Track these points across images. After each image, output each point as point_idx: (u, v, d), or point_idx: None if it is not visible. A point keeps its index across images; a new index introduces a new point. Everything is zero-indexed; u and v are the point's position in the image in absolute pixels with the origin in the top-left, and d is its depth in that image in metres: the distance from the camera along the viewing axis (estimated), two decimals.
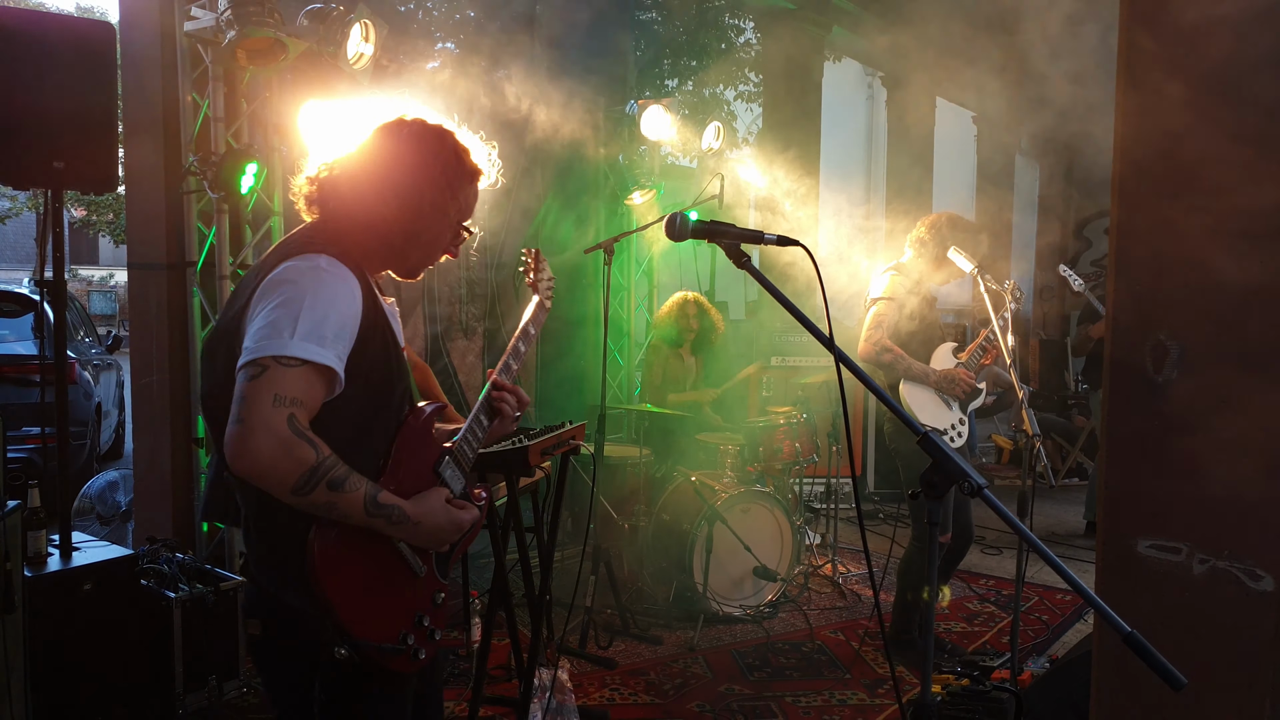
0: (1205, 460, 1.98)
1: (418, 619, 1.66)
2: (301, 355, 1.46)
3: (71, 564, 3.23)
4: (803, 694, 3.69)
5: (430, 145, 1.69)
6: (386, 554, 1.62)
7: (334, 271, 1.56)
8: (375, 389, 1.62)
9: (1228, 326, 1.94)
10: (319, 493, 1.46)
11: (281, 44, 3.69)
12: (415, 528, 1.59)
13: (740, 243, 1.68)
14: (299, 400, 1.46)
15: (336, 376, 1.52)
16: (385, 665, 1.59)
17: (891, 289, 3.92)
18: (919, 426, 1.50)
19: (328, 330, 1.50)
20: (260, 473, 1.43)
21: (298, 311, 1.48)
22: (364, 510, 1.51)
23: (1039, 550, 1.40)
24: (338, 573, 1.54)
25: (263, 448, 1.41)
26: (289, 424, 1.43)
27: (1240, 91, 1.93)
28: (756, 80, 10.03)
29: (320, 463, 1.45)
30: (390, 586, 1.63)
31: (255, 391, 1.43)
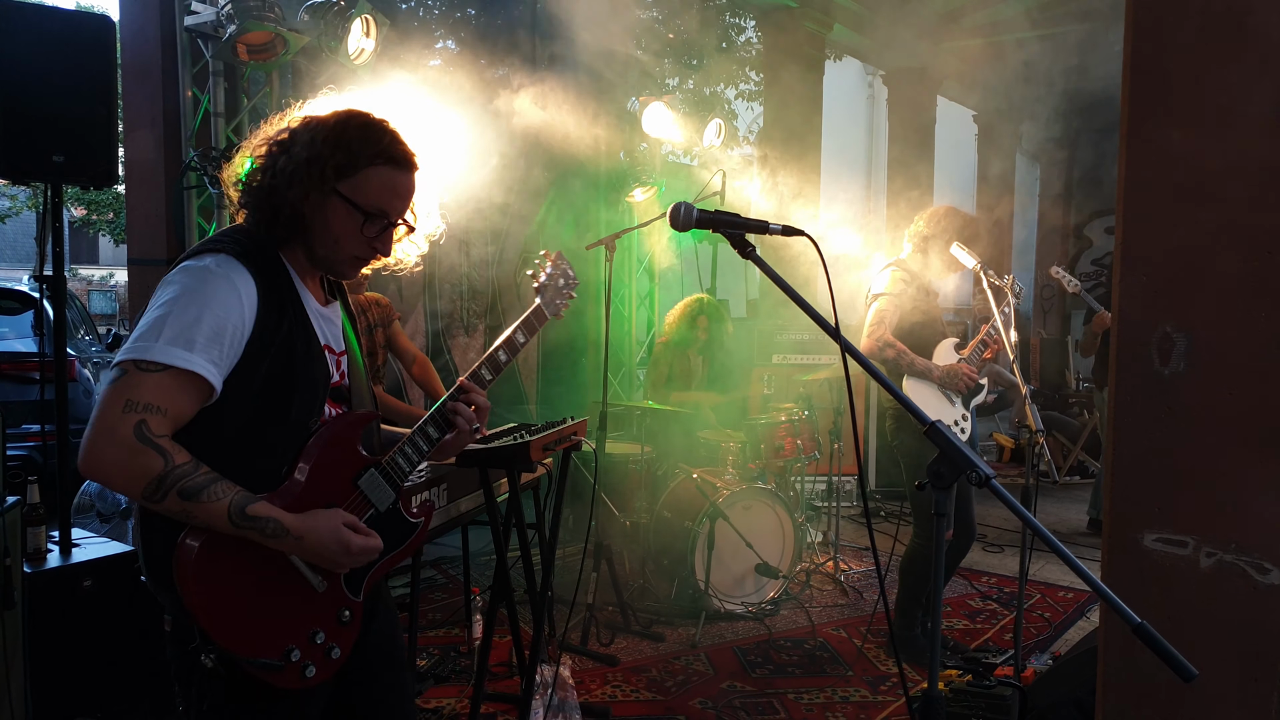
0: (1212, 452, 1.96)
1: (311, 635, 1.57)
2: (163, 360, 1.41)
3: (71, 560, 3.22)
4: (805, 691, 3.68)
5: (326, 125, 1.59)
6: (275, 565, 1.54)
7: (220, 271, 1.49)
8: (271, 395, 1.53)
9: (1236, 317, 1.92)
10: (170, 501, 1.41)
11: (282, 39, 3.68)
12: (297, 543, 1.51)
13: (745, 232, 1.67)
14: (155, 406, 1.41)
15: (206, 382, 1.45)
16: (263, 679, 1.51)
17: (893, 285, 3.90)
18: (925, 416, 1.49)
19: (198, 334, 1.43)
20: (104, 478, 1.41)
21: (168, 314, 1.44)
22: (229, 521, 1.44)
23: (1046, 539, 1.38)
24: (205, 579, 1.46)
25: (104, 454, 1.39)
26: (135, 431, 1.39)
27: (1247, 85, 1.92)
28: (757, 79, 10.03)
29: (168, 471, 1.40)
30: (276, 600, 1.54)
31: (109, 396, 1.40)
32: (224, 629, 1.47)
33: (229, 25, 3.60)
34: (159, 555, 1.48)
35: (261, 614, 1.52)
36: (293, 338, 1.56)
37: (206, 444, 1.46)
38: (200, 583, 1.46)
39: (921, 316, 3.92)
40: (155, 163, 4.04)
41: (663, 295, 6.57)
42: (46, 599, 3.06)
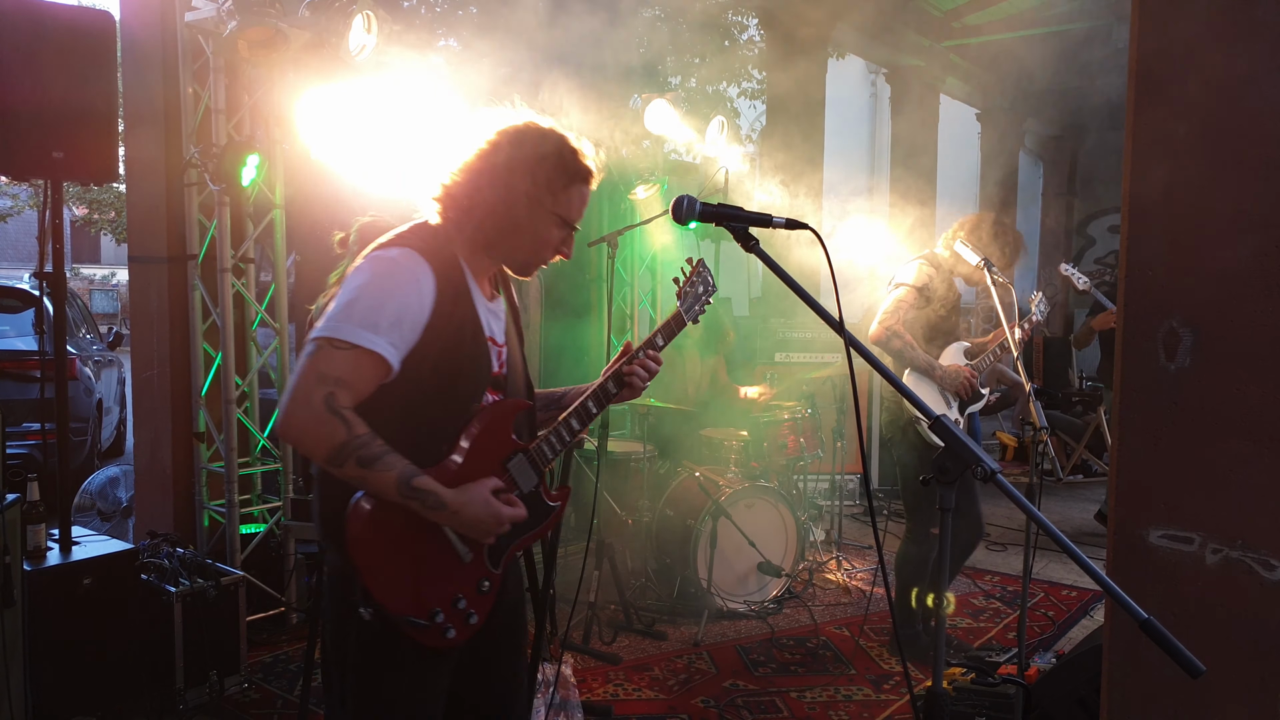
0: (1218, 448, 1.95)
1: (455, 600, 1.73)
2: (351, 339, 1.57)
3: (71, 558, 3.21)
4: (808, 689, 3.66)
5: (531, 141, 1.75)
6: (431, 535, 1.70)
7: (404, 263, 1.65)
8: (439, 379, 1.69)
9: (1243, 312, 1.91)
10: (349, 467, 1.57)
11: (283, 35, 3.66)
12: (453, 515, 1.66)
13: (748, 226, 1.65)
14: (342, 380, 1.56)
15: (385, 362, 1.61)
16: (409, 635, 1.66)
17: (918, 276, 3.86)
18: (930, 410, 1.47)
19: (383, 319, 1.60)
20: (293, 440, 1.61)
21: (357, 298, 1.61)
22: (396, 490, 1.59)
23: (1052, 534, 1.37)
24: (372, 539, 1.63)
25: (298, 420, 1.56)
26: (326, 401, 1.55)
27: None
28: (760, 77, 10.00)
29: (350, 440, 1.56)
30: (427, 565, 1.70)
31: (306, 368, 1.57)
32: (382, 585, 1.63)
33: (230, 21, 3.58)
34: (334, 513, 1.64)
35: (414, 576, 1.68)
36: (462, 329, 1.71)
37: (379, 418, 1.61)
38: (367, 541, 1.63)
39: (939, 313, 3.89)
40: (156, 160, 4.02)
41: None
42: (46, 597, 3.05)
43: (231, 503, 4.00)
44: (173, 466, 4.16)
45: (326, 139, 3.86)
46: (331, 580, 1.76)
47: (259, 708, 3.42)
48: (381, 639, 1.67)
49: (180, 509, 4.17)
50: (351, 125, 3.87)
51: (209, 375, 4.15)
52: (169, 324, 4.12)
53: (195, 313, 4.10)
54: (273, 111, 4.06)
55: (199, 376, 4.12)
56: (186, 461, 4.17)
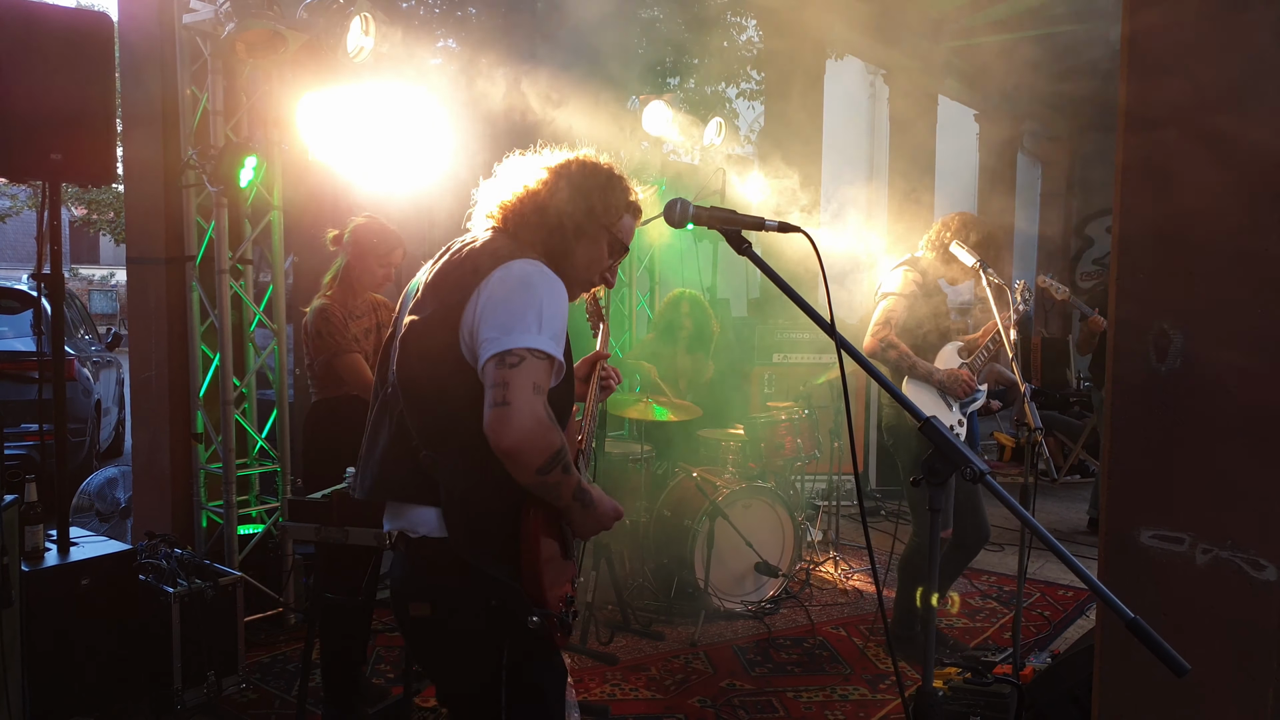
0: (1208, 450, 1.96)
1: (568, 599, 1.82)
2: (548, 350, 1.63)
3: (69, 559, 3.22)
4: (804, 689, 3.67)
5: (598, 169, 1.89)
6: (561, 534, 1.79)
7: (553, 276, 1.73)
8: (566, 388, 1.81)
9: (1232, 314, 1.92)
10: (555, 473, 1.62)
11: (281, 37, 3.68)
12: (593, 511, 1.76)
13: (741, 229, 1.67)
14: (543, 389, 1.62)
15: (560, 368, 1.70)
16: (555, 634, 1.74)
17: (904, 285, 3.87)
18: (921, 413, 1.48)
19: (559, 328, 1.67)
20: (521, 450, 1.58)
21: (540, 309, 1.65)
22: (573, 493, 1.69)
23: (1041, 535, 1.38)
24: (543, 546, 1.70)
25: (526, 430, 1.57)
26: (545, 410, 1.61)
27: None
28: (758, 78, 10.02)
29: (562, 446, 1.63)
30: (560, 566, 1.79)
31: (517, 379, 1.58)
32: (546, 590, 1.70)
33: (228, 23, 3.59)
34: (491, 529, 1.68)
35: (557, 576, 1.77)
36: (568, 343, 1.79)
37: None
38: (539, 547, 1.69)
39: (928, 318, 3.90)
40: (154, 161, 4.03)
41: (663, 294, 6.57)
42: (44, 598, 3.06)
43: (229, 503, 4.01)
44: (171, 467, 4.17)
45: (325, 140, 3.88)
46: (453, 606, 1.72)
47: (257, 708, 3.43)
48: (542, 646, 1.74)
49: (178, 510, 4.18)
50: (349, 127, 3.88)
51: (207, 376, 4.16)
52: (167, 325, 4.13)
53: (193, 314, 4.11)
54: (271, 113, 4.07)
55: (197, 378, 4.13)
56: (184, 462, 4.18)
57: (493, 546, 1.69)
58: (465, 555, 1.69)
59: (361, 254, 3.33)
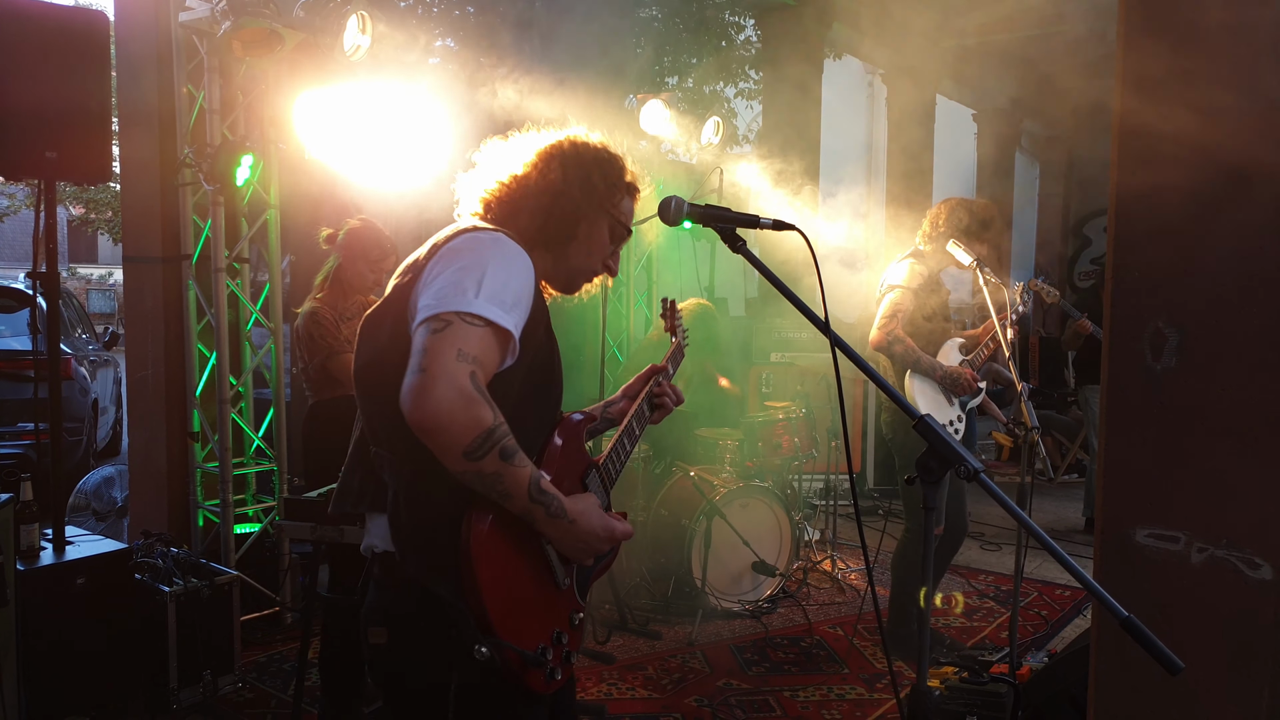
0: (1203, 448, 1.96)
1: (556, 635, 1.57)
2: (485, 315, 1.42)
3: (65, 558, 3.21)
4: (801, 688, 3.67)
5: (594, 148, 1.73)
6: (536, 555, 1.54)
7: (513, 245, 1.55)
8: (538, 372, 1.58)
9: (1228, 313, 1.92)
10: (490, 459, 1.38)
11: (278, 35, 3.67)
12: (570, 526, 1.50)
13: (736, 227, 1.66)
14: (478, 359, 1.40)
15: (512, 343, 1.48)
16: (522, 678, 1.48)
17: (910, 277, 3.84)
18: (915, 411, 1.48)
19: (508, 296, 1.47)
20: (438, 425, 1.35)
21: (481, 274, 1.46)
22: (527, 492, 1.43)
23: (1036, 535, 1.38)
24: (490, 559, 1.45)
25: (444, 398, 1.35)
26: (471, 380, 1.38)
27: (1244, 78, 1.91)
28: (756, 77, 10.01)
29: (496, 426, 1.38)
30: (535, 592, 1.54)
31: (439, 344, 1.38)
32: (502, 617, 1.45)
33: (224, 21, 3.59)
34: (437, 537, 1.46)
35: (525, 606, 1.51)
36: (547, 327, 1.62)
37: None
38: (488, 561, 1.44)
39: (933, 312, 3.89)
40: (150, 160, 4.02)
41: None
42: (40, 597, 3.06)
43: (226, 502, 4.01)
44: (167, 466, 4.16)
45: (321, 139, 3.87)
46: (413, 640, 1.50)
47: (253, 707, 3.43)
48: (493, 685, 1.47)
49: (175, 509, 4.17)
50: (346, 125, 3.88)
51: (204, 375, 4.15)
52: (164, 324, 4.13)
53: (190, 313, 4.10)
54: (267, 111, 4.06)
55: (193, 377, 4.13)
56: (181, 461, 4.18)
57: (436, 557, 1.45)
58: (408, 568, 1.48)
59: (353, 257, 3.33)
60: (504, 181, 1.68)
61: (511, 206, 1.67)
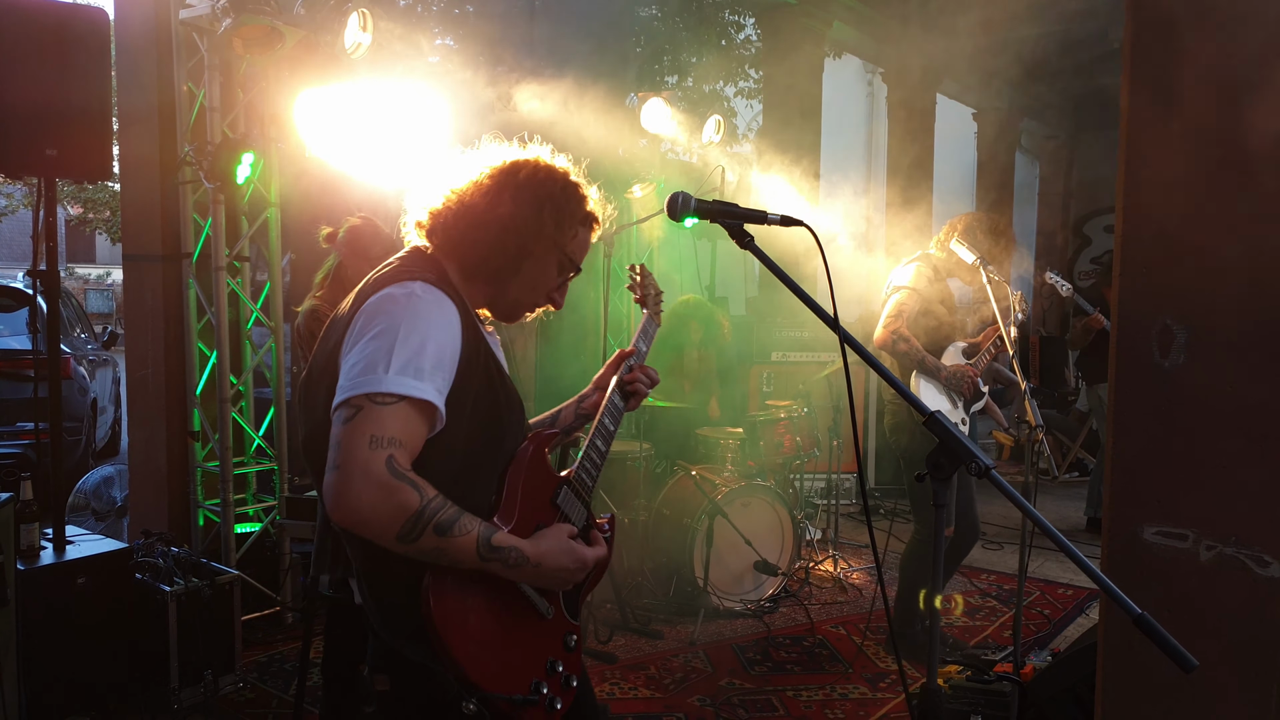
0: (1212, 445, 1.95)
1: (550, 665, 1.57)
2: (398, 391, 1.36)
3: (65, 557, 3.20)
4: (804, 688, 3.66)
5: (545, 176, 1.64)
6: (508, 597, 1.52)
7: (429, 298, 1.47)
8: (482, 422, 1.53)
9: (1236, 310, 1.91)
10: (426, 539, 1.36)
11: (278, 32, 3.66)
12: (536, 569, 1.49)
13: (743, 223, 1.65)
14: (397, 440, 1.35)
15: (437, 411, 1.42)
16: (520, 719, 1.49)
17: (916, 279, 3.85)
18: (925, 407, 1.47)
19: (425, 362, 1.40)
20: (361, 521, 1.34)
21: (392, 343, 1.39)
22: (477, 554, 1.41)
23: (1047, 530, 1.37)
24: (457, 621, 1.43)
25: (362, 494, 1.32)
26: (388, 467, 1.33)
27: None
28: (757, 76, 10.00)
29: (425, 506, 1.35)
30: (516, 632, 1.53)
31: (350, 435, 1.34)
32: (478, 668, 1.43)
33: (225, 18, 3.57)
34: (401, 605, 1.44)
35: (507, 649, 1.50)
36: (488, 366, 1.56)
37: (431, 476, 1.40)
38: (455, 624, 1.42)
39: (938, 315, 3.89)
40: (150, 158, 4.01)
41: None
42: (40, 596, 3.05)
43: (226, 502, 4.00)
44: (167, 466, 4.15)
45: (322, 137, 3.86)
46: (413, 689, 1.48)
47: (254, 707, 3.41)
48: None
49: (175, 508, 4.16)
50: (347, 123, 3.86)
51: (204, 374, 4.14)
52: (164, 323, 4.11)
53: (190, 311, 4.09)
54: (268, 109, 4.05)
55: (194, 375, 4.11)
56: (181, 460, 4.16)
57: (404, 625, 1.44)
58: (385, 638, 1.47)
59: (354, 255, 3.31)
60: (450, 201, 1.61)
61: (456, 233, 1.60)
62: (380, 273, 1.58)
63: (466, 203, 1.60)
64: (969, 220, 3.94)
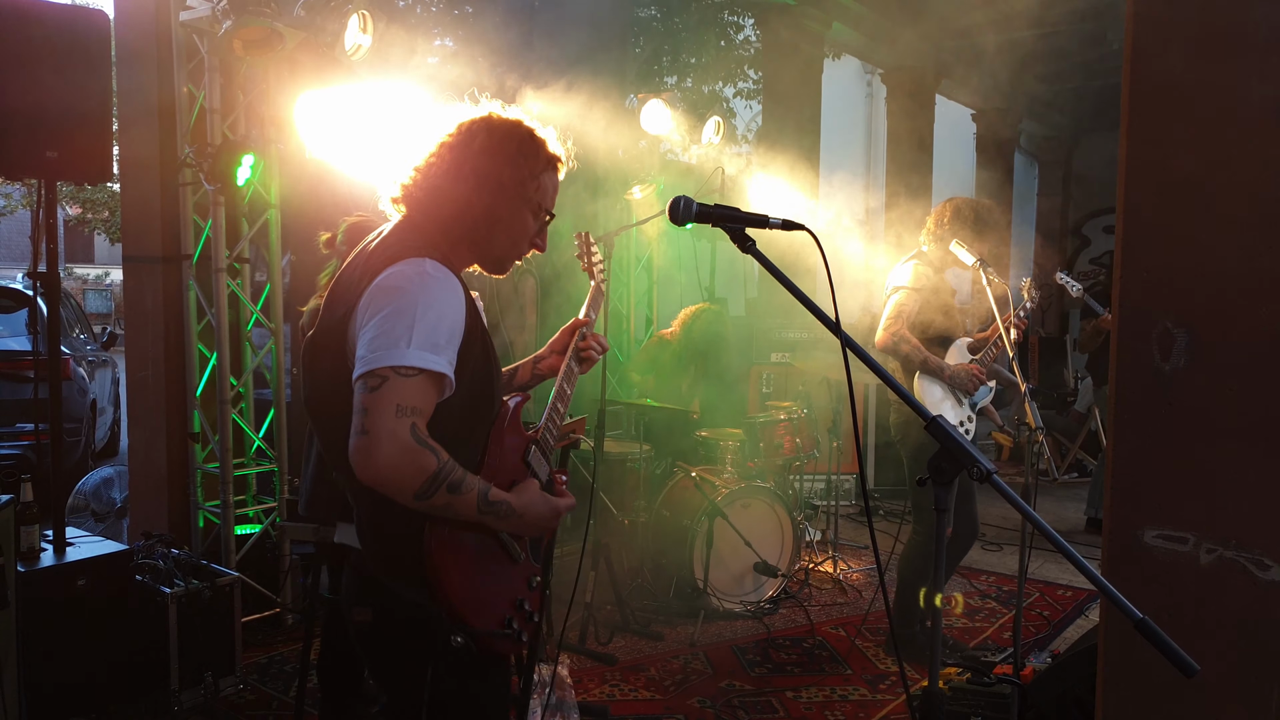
0: (1212, 448, 1.95)
1: (519, 603, 1.74)
2: (419, 364, 1.50)
3: (65, 559, 3.20)
4: (804, 689, 3.67)
5: (500, 130, 1.71)
6: (490, 545, 1.70)
7: (440, 276, 1.58)
8: (478, 388, 1.66)
9: (1237, 313, 1.91)
10: (439, 496, 1.51)
11: (278, 34, 3.66)
12: (520, 519, 1.66)
13: (745, 227, 1.65)
14: (418, 409, 1.50)
15: (449, 381, 1.56)
16: (494, 650, 1.67)
17: (915, 278, 3.84)
18: (927, 412, 1.47)
19: (440, 337, 1.54)
20: (385, 481, 1.48)
21: (412, 320, 1.51)
22: (477, 509, 1.57)
23: (1048, 534, 1.37)
24: (451, 568, 1.61)
25: (389, 457, 1.46)
26: (412, 433, 1.48)
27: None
28: (756, 77, 10.01)
29: (441, 468, 1.51)
30: (495, 575, 1.71)
31: (377, 403, 1.47)
32: (470, 609, 1.62)
33: (225, 20, 3.57)
34: (401, 553, 1.60)
35: (487, 590, 1.68)
36: (482, 335, 1.68)
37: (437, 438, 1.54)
38: (450, 570, 1.60)
39: (939, 313, 3.88)
40: (150, 159, 4.01)
41: (661, 293, 6.55)
42: (40, 599, 3.04)
43: (226, 503, 3.99)
44: (167, 467, 4.15)
45: (322, 138, 3.86)
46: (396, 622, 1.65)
47: (254, 709, 3.41)
48: (466, 663, 1.65)
49: (175, 510, 4.16)
50: (347, 124, 3.86)
51: (204, 376, 4.14)
52: (164, 324, 4.11)
53: (190, 313, 4.09)
54: (268, 111, 4.05)
55: (194, 377, 4.11)
56: (181, 462, 4.16)
57: (404, 570, 1.61)
58: (383, 579, 1.64)
59: None
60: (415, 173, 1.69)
61: (430, 207, 1.69)
62: (387, 245, 1.66)
63: (431, 176, 1.69)
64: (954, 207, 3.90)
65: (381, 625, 1.67)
